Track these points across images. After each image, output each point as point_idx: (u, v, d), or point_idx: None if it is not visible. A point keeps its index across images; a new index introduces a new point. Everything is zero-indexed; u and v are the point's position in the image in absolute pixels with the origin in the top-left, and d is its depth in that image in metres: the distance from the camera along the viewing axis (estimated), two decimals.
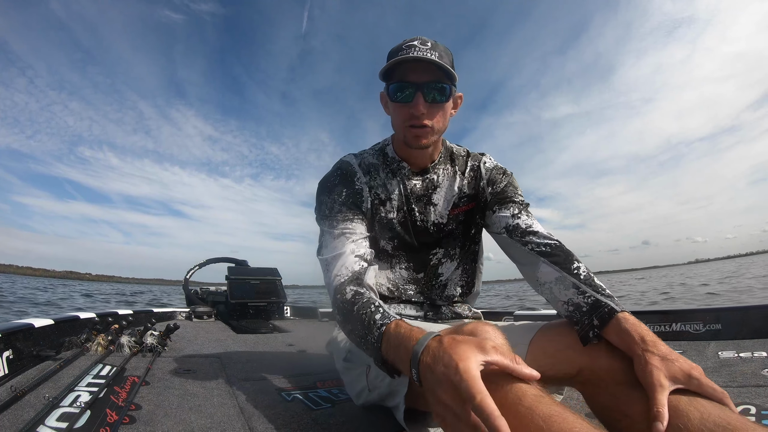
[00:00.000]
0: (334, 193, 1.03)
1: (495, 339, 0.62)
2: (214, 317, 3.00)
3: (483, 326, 0.65)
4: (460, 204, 1.09)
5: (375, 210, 1.05)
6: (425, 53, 0.89)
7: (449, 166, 1.10)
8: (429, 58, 0.89)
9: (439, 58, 0.90)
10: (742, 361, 1.29)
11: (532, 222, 0.98)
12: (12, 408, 0.91)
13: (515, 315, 2.13)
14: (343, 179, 1.04)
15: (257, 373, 1.34)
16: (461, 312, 1.12)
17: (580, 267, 0.84)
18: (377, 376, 0.82)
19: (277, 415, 0.93)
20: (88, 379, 1.16)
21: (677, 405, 0.58)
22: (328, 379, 1.26)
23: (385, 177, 1.06)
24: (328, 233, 0.98)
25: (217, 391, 1.14)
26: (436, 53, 0.90)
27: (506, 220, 0.99)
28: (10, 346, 1.22)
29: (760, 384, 1.05)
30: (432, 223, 1.07)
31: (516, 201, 1.04)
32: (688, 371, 0.62)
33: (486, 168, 1.10)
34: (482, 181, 1.09)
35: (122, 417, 0.88)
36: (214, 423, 0.89)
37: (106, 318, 1.85)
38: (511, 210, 1.00)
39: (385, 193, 1.05)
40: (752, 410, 0.88)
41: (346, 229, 0.96)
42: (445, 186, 1.08)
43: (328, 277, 0.92)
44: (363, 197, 1.03)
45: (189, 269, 3.45)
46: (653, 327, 1.78)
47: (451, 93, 0.95)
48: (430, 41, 0.93)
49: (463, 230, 1.10)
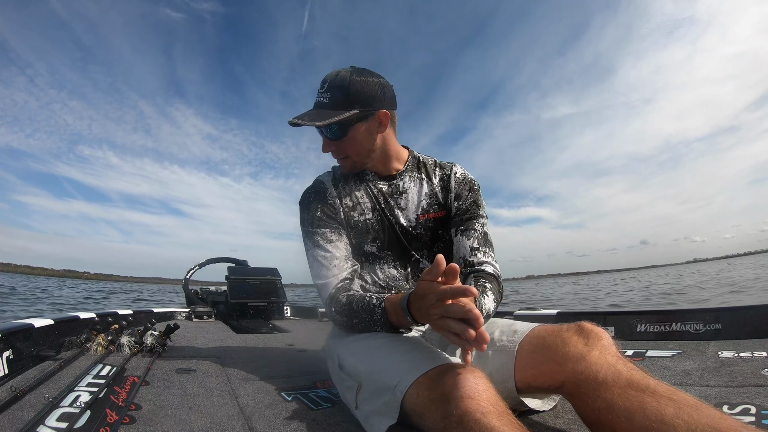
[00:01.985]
0: (312, 209, 1.12)
1: (476, 386, 0.66)
2: (214, 317, 3.00)
3: (467, 374, 0.69)
4: (430, 210, 1.14)
5: (348, 218, 1.12)
6: (321, 98, 1.03)
7: (416, 173, 1.17)
8: (304, 124, 1.01)
9: (331, 98, 1.01)
10: (742, 360, 1.29)
11: (485, 259, 1.06)
12: (12, 408, 0.91)
13: (515, 315, 2.13)
14: (317, 196, 1.14)
15: (257, 373, 1.34)
16: None
17: (484, 306, 0.91)
18: (367, 399, 0.83)
19: (277, 415, 0.93)
20: (88, 379, 1.16)
21: (662, 418, 0.57)
22: (328, 379, 1.26)
23: (354, 185, 1.14)
24: (312, 253, 1.09)
25: (217, 391, 1.14)
26: (328, 95, 1.02)
27: (464, 252, 1.08)
28: (10, 346, 1.22)
29: (760, 384, 1.05)
30: (400, 226, 1.12)
31: (477, 229, 1.10)
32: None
33: (456, 179, 1.16)
34: (451, 193, 1.15)
35: (122, 417, 0.88)
36: (214, 423, 0.89)
37: (106, 318, 1.85)
38: (472, 242, 1.08)
39: (353, 200, 1.13)
40: (752, 410, 0.88)
41: (327, 253, 1.07)
42: (412, 191, 1.14)
43: (322, 299, 1.06)
44: (336, 209, 1.12)
45: (189, 269, 3.45)
46: (653, 327, 1.78)
47: (348, 126, 1.03)
48: (327, 82, 1.03)
49: (431, 237, 1.14)
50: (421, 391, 0.71)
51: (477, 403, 0.61)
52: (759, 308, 1.63)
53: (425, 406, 0.69)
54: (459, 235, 1.10)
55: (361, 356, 0.91)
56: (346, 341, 1.00)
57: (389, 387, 0.76)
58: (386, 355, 0.85)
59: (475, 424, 0.59)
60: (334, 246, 1.07)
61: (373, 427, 0.78)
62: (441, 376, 0.70)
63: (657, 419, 0.57)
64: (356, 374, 0.89)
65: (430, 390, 0.70)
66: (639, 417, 0.59)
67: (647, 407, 0.59)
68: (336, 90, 1.02)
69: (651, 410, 0.59)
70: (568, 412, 0.93)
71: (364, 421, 0.83)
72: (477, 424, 0.58)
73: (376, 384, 0.81)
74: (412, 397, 0.72)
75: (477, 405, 0.61)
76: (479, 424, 0.58)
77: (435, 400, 0.68)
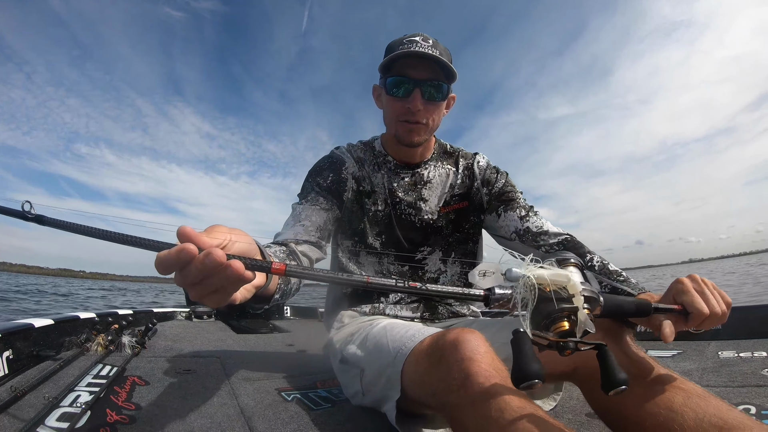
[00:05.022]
0: (319, 177, 1.03)
1: (477, 348, 0.61)
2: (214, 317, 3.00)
3: (465, 334, 0.64)
4: (452, 202, 1.08)
5: (359, 203, 1.05)
6: (427, 50, 0.89)
7: (442, 163, 1.10)
8: (432, 55, 0.88)
9: (440, 56, 0.89)
10: (742, 360, 1.29)
11: (542, 222, 0.97)
12: (12, 408, 0.91)
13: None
14: (331, 166, 1.05)
15: (257, 373, 1.34)
16: (459, 311, 1.12)
17: (594, 257, 0.83)
18: (371, 381, 0.82)
19: (277, 415, 0.93)
20: (88, 379, 1.16)
21: (671, 405, 0.57)
22: (328, 379, 1.26)
23: (371, 170, 1.06)
24: (291, 215, 0.98)
25: (217, 391, 1.13)
26: (437, 51, 0.90)
27: (515, 224, 0.99)
28: (10, 346, 1.22)
29: (760, 384, 1.05)
30: (421, 219, 1.06)
31: (520, 203, 1.03)
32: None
33: (479, 167, 1.10)
34: (476, 181, 1.08)
35: (122, 417, 0.88)
36: (214, 423, 0.89)
37: (106, 318, 1.85)
38: (518, 212, 1.00)
39: (369, 186, 1.05)
40: (752, 410, 0.88)
41: (306, 220, 0.96)
42: (436, 182, 1.08)
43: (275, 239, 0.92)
44: (346, 187, 1.03)
45: None
46: None
47: (448, 92, 0.95)
48: (431, 39, 0.92)
49: (452, 229, 1.09)
50: (421, 358, 0.69)
51: (479, 365, 0.58)
52: (759, 308, 1.63)
53: (425, 372, 0.66)
54: (503, 213, 1.03)
55: (361, 343, 0.91)
56: (347, 336, 0.99)
57: (389, 361, 0.74)
58: (385, 335, 0.84)
59: (479, 388, 0.55)
60: (317, 213, 0.98)
61: (385, 404, 0.77)
62: (439, 339, 0.67)
63: (666, 407, 0.57)
64: (357, 361, 0.88)
65: (429, 355, 0.67)
66: (648, 404, 0.59)
67: (657, 394, 0.59)
68: (443, 51, 0.92)
69: (660, 397, 0.59)
70: (568, 411, 0.93)
71: (373, 404, 0.82)
72: (480, 388, 0.55)
73: (377, 363, 0.79)
74: (412, 366, 0.70)
75: (479, 368, 0.58)
76: (482, 388, 0.55)
77: (434, 363, 0.65)
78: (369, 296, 1.08)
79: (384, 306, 1.06)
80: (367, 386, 0.84)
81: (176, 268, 0.39)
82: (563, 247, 0.90)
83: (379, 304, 1.07)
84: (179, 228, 0.39)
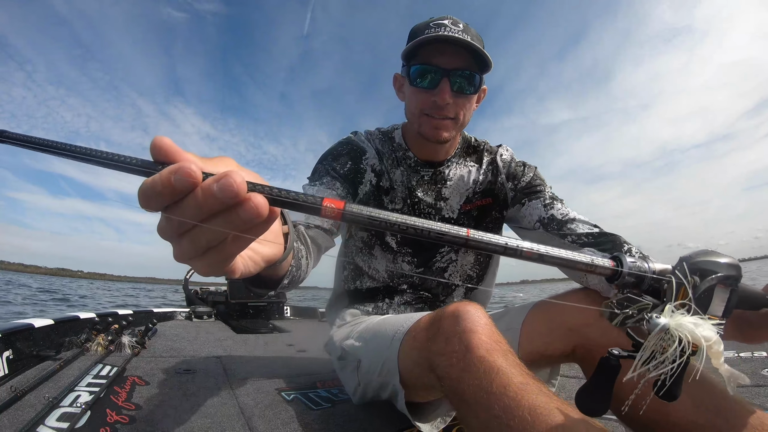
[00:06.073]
0: (336, 162, 0.93)
1: (478, 319, 0.58)
2: (214, 317, 3.00)
3: (466, 306, 0.61)
4: (474, 199, 1.00)
5: (377, 199, 0.97)
6: (457, 35, 0.77)
7: (465, 160, 1.01)
8: (463, 40, 0.77)
9: (472, 41, 0.78)
10: (742, 361, 1.29)
11: (568, 210, 0.87)
12: (12, 408, 0.91)
13: None
14: (351, 153, 0.95)
15: (257, 373, 1.34)
16: None
17: (632, 249, 0.75)
18: (368, 369, 0.79)
19: (277, 415, 0.93)
20: (88, 379, 1.16)
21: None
22: (328, 379, 1.26)
23: (390, 165, 0.97)
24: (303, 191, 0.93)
25: (217, 391, 1.13)
26: (468, 36, 0.78)
27: (539, 213, 0.89)
28: (10, 346, 1.22)
29: (760, 384, 1.05)
30: (441, 218, 0.98)
31: (546, 193, 0.94)
32: None
33: (503, 161, 1.01)
34: (500, 176, 1.00)
35: (122, 417, 0.88)
36: (214, 423, 0.89)
37: (106, 318, 1.85)
38: (542, 200, 0.91)
39: (388, 182, 0.97)
40: None
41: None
42: (457, 180, 1.00)
43: None
44: (364, 179, 0.95)
45: (189, 269, 3.45)
46: None
47: (480, 84, 0.84)
48: (461, 22, 0.81)
49: (473, 226, 1.00)
50: (418, 333, 0.65)
51: (480, 338, 0.55)
52: None
53: (423, 347, 0.62)
54: (527, 202, 0.94)
55: (359, 335, 0.89)
56: (347, 333, 0.98)
57: (386, 344, 0.72)
58: (383, 322, 0.82)
59: (480, 361, 0.52)
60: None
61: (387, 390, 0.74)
62: (438, 312, 0.64)
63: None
64: (355, 352, 0.86)
65: (427, 329, 0.64)
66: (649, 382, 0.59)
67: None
68: (476, 37, 0.81)
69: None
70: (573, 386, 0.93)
71: (375, 394, 0.80)
72: (482, 361, 0.52)
73: (375, 350, 0.77)
74: (409, 343, 0.66)
75: (480, 340, 0.54)
76: (484, 361, 0.52)
77: (432, 336, 0.61)
78: (373, 295, 1.05)
79: (387, 307, 1.04)
80: (365, 376, 0.80)
81: (168, 198, 0.25)
82: (593, 241, 0.78)
83: (383, 304, 1.04)
84: (157, 139, 0.26)
